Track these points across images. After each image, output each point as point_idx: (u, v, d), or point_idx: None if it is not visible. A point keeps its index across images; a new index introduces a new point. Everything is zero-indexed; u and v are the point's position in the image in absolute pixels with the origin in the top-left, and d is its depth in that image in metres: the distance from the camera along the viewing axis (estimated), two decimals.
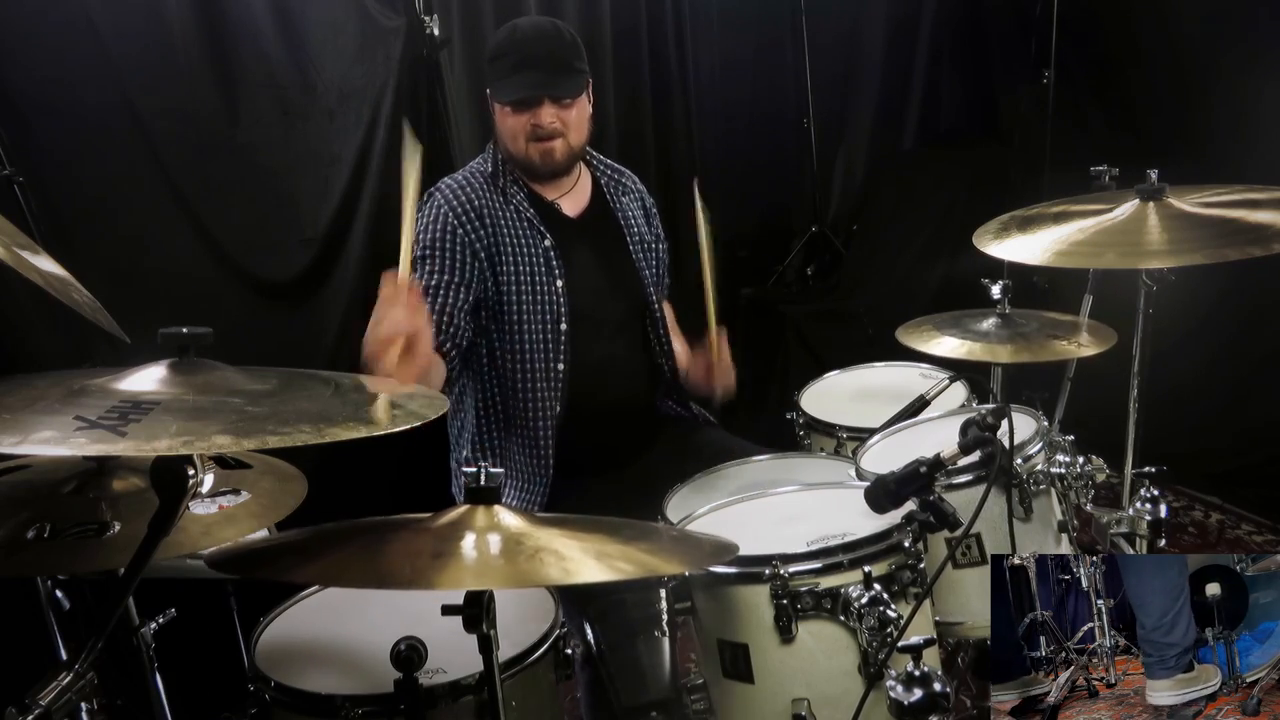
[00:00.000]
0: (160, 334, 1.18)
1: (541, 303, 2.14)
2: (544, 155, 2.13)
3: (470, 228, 2.12)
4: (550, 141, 2.12)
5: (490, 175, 2.18)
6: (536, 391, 2.15)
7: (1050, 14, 3.73)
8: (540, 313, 2.14)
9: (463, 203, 2.14)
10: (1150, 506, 1.89)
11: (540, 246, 2.16)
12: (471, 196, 2.15)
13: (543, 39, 2.12)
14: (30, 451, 1.02)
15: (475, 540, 1.16)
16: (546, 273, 2.15)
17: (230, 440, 1.00)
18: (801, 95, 4.39)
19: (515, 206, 2.17)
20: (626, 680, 1.59)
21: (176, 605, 1.66)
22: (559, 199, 2.23)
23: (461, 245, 2.11)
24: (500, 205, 2.16)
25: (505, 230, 2.14)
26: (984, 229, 1.98)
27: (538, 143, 2.12)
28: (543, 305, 2.15)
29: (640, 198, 2.40)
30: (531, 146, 2.12)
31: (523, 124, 2.11)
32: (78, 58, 2.47)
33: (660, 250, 2.38)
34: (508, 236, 2.14)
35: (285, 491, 1.47)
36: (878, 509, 1.55)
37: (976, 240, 1.94)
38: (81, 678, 1.14)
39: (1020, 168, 3.96)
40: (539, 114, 2.10)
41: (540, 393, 2.15)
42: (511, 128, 2.12)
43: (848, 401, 2.45)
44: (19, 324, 2.36)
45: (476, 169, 2.21)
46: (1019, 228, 1.93)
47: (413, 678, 1.31)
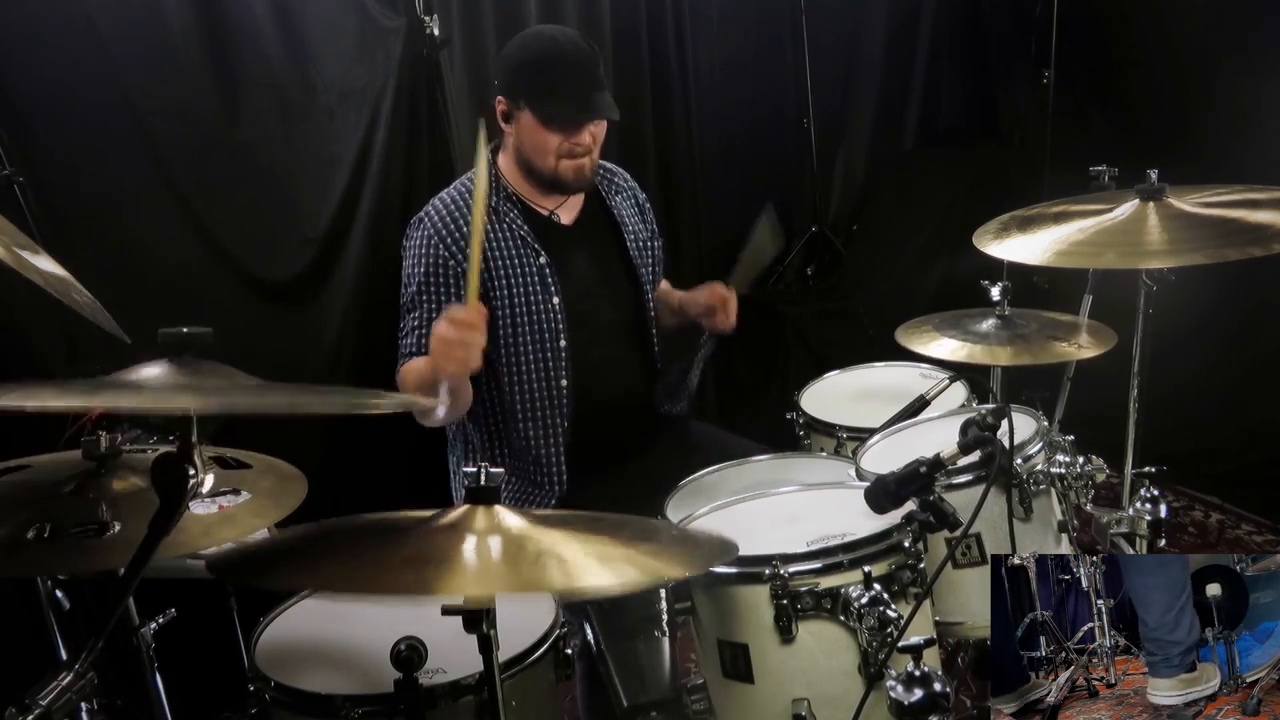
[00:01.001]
0: (160, 334, 1.18)
1: (537, 322, 2.12)
2: (576, 172, 2.12)
3: (462, 256, 2.07)
4: (582, 159, 2.11)
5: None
6: (540, 411, 2.14)
7: (1050, 14, 3.72)
8: (538, 332, 2.12)
9: (451, 231, 2.10)
10: (1150, 506, 1.89)
11: (535, 265, 2.13)
12: (461, 223, 2.10)
13: (581, 57, 2.07)
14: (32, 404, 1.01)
15: (476, 544, 1.16)
16: (542, 290, 2.13)
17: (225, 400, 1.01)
18: (801, 95, 4.38)
19: (508, 225, 2.14)
20: (626, 680, 1.59)
21: (176, 605, 1.66)
22: (557, 209, 2.22)
23: (454, 276, 2.08)
24: (493, 226, 2.12)
25: (498, 253, 2.12)
26: (984, 229, 1.97)
27: (571, 160, 2.10)
28: (539, 324, 2.13)
29: (633, 194, 2.39)
30: (563, 163, 2.10)
31: (558, 141, 2.07)
32: (78, 58, 2.47)
33: (655, 247, 2.38)
34: (500, 259, 2.12)
35: (285, 491, 1.48)
36: (878, 509, 1.55)
37: (976, 240, 1.94)
38: (81, 678, 1.14)
39: (1020, 168, 3.96)
40: (579, 134, 2.08)
41: (544, 411, 2.14)
42: (543, 143, 2.08)
43: (848, 401, 2.44)
44: (19, 324, 2.36)
45: (466, 188, 2.16)
46: (1019, 228, 1.93)
47: (413, 678, 1.31)
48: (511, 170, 2.18)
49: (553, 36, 2.13)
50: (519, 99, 2.08)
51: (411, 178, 2.94)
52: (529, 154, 2.12)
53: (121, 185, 2.57)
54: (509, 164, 2.18)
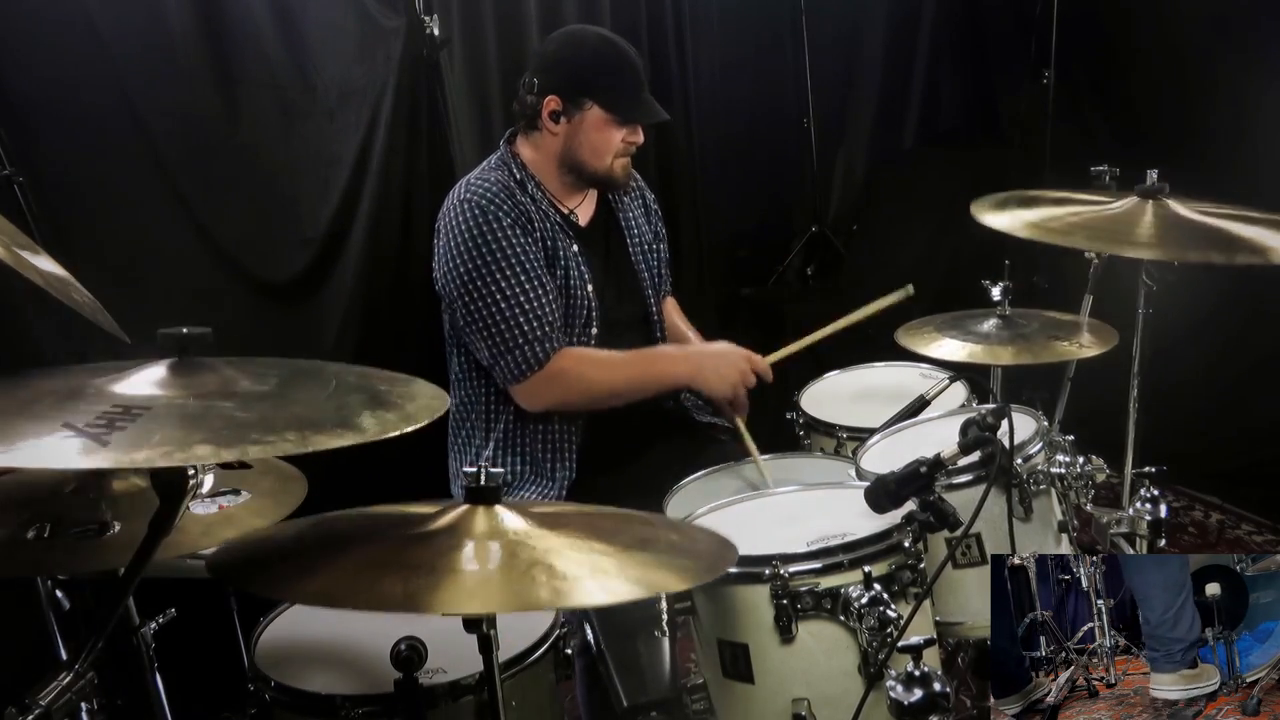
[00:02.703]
0: (160, 334, 1.18)
1: (573, 307, 2.15)
2: (625, 169, 2.20)
3: (533, 235, 2.10)
4: (629, 157, 2.19)
5: (519, 183, 2.16)
6: None
7: (1050, 14, 3.73)
8: (572, 317, 2.15)
9: (510, 210, 2.10)
10: (1150, 506, 1.89)
11: (570, 252, 2.16)
12: (518, 203, 2.12)
13: (638, 59, 2.16)
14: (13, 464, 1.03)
15: (472, 551, 1.15)
16: (578, 277, 2.16)
17: (210, 451, 1.00)
18: (801, 95, 4.38)
19: (544, 212, 2.17)
20: (626, 680, 1.59)
21: (176, 605, 1.66)
22: (576, 208, 2.24)
23: (534, 246, 2.10)
24: (535, 212, 2.15)
25: (546, 237, 2.14)
26: (982, 201, 1.97)
27: (624, 158, 2.18)
28: (574, 310, 2.15)
29: (641, 194, 2.41)
30: (618, 161, 2.17)
31: (620, 139, 2.14)
32: (78, 58, 2.46)
33: (661, 250, 2.39)
34: (545, 238, 2.14)
35: (285, 491, 1.48)
36: (878, 509, 1.55)
37: (975, 210, 1.94)
38: (81, 678, 1.14)
39: (1020, 168, 3.95)
40: (639, 132, 2.17)
41: None
42: (607, 141, 2.13)
43: (848, 401, 2.44)
44: (19, 324, 2.36)
45: (499, 180, 2.15)
46: (1019, 204, 1.94)
47: (413, 678, 1.31)
48: (545, 166, 2.19)
49: (609, 38, 2.20)
50: (584, 97, 2.11)
51: (411, 178, 2.94)
52: (585, 152, 2.15)
53: (121, 185, 2.56)
54: (543, 160, 2.19)
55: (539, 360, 2.06)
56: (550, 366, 2.07)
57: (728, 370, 2.12)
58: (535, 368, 2.06)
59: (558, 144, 2.16)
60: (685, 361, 2.18)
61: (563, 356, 2.08)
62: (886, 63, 4.44)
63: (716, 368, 2.14)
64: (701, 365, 2.15)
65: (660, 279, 2.39)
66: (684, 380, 2.17)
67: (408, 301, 2.81)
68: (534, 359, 2.06)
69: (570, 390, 2.10)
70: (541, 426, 2.16)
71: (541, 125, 2.15)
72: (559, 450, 2.17)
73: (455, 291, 2.08)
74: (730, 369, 2.12)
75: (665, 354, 2.24)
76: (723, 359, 2.15)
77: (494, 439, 2.20)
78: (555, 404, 2.11)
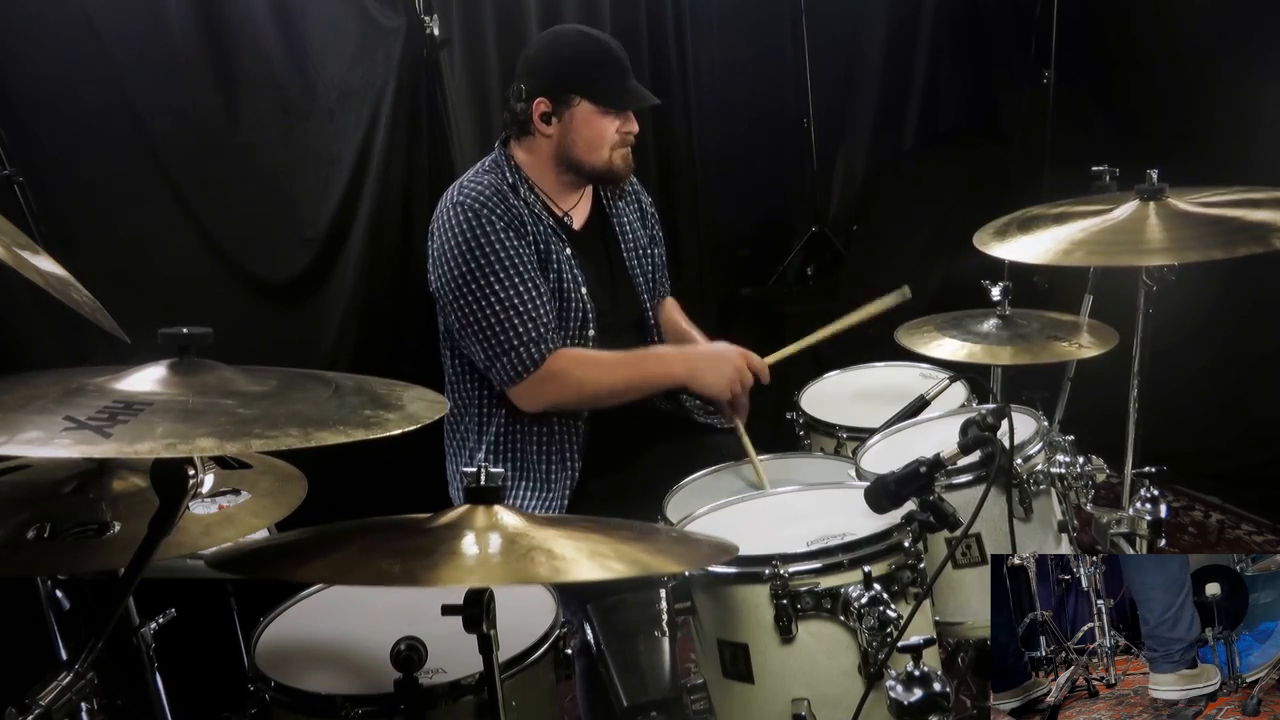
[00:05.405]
0: (160, 334, 1.18)
1: (569, 311, 2.15)
2: (625, 160, 2.19)
3: (525, 238, 2.10)
4: (629, 148, 2.18)
5: (512, 187, 2.15)
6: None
7: (1050, 14, 3.72)
8: (568, 320, 2.15)
9: (503, 213, 2.09)
10: (1150, 506, 1.89)
11: (563, 255, 2.16)
12: (510, 206, 2.11)
13: (622, 50, 2.17)
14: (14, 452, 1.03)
15: (474, 538, 1.16)
16: (571, 280, 2.15)
17: (214, 444, 1.00)
18: (801, 95, 4.39)
19: (536, 215, 2.16)
20: (626, 680, 1.59)
21: (176, 605, 1.66)
22: (570, 210, 2.24)
23: (527, 249, 2.09)
24: (528, 215, 2.14)
25: (539, 240, 2.13)
26: (984, 231, 1.97)
27: (623, 149, 2.17)
28: (570, 313, 2.15)
29: (636, 197, 2.40)
30: (616, 154, 2.16)
31: (614, 130, 2.14)
32: (78, 58, 2.46)
33: (656, 254, 2.39)
34: (540, 246, 2.13)
35: (285, 491, 1.47)
36: (878, 509, 1.54)
37: (977, 242, 1.94)
38: (81, 678, 1.14)
39: (1020, 168, 3.96)
40: (632, 121, 2.16)
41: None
42: (602, 133, 2.13)
43: (848, 401, 2.44)
44: (19, 324, 2.36)
45: (492, 183, 2.14)
46: (1019, 229, 1.93)
47: (413, 678, 1.31)
48: (541, 169, 2.19)
49: (589, 34, 2.21)
50: (571, 93, 2.11)
51: (411, 178, 2.94)
52: (580, 149, 2.14)
53: (121, 185, 2.57)
54: (539, 163, 2.19)
55: (534, 361, 2.05)
56: (546, 367, 2.06)
57: (724, 370, 2.11)
58: (531, 369, 2.06)
59: (552, 145, 2.16)
60: (681, 361, 2.18)
61: (558, 358, 2.08)
62: (886, 63, 4.44)
63: (713, 368, 2.13)
64: (697, 365, 2.15)
65: (655, 283, 2.38)
66: (680, 380, 2.16)
67: (407, 301, 2.81)
68: (529, 360, 2.05)
69: (566, 391, 2.09)
70: (537, 429, 2.16)
71: (534, 129, 2.15)
72: (558, 453, 2.16)
73: (449, 294, 2.08)
74: (726, 369, 2.11)
75: (661, 354, 2.23)
76: (719, 359, 2.15)
77: (486, 443, 2.19)
78: (551, 405, 2.11)
